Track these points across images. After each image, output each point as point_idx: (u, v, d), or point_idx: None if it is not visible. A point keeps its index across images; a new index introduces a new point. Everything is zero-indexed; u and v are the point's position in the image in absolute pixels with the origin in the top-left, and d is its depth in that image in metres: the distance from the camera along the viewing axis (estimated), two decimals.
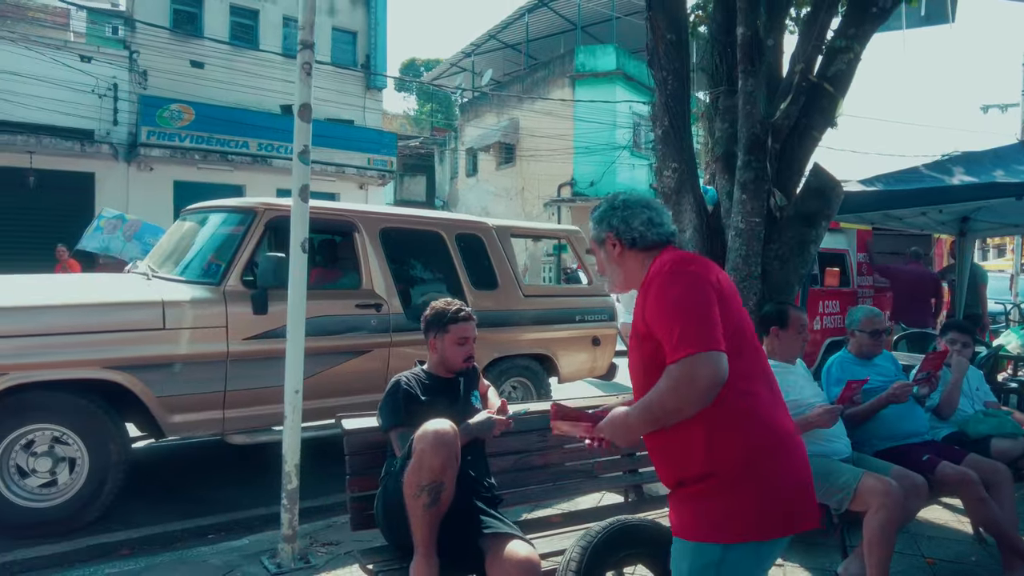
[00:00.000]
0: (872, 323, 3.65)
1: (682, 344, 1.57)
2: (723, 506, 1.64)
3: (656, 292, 1.69)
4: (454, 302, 2.72)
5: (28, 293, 3.86)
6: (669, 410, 1.61)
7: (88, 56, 12.72)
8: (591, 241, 1.96)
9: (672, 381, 1.58)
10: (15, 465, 3.62)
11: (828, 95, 4.73)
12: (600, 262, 1.93)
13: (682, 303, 1.64)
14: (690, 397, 1.57)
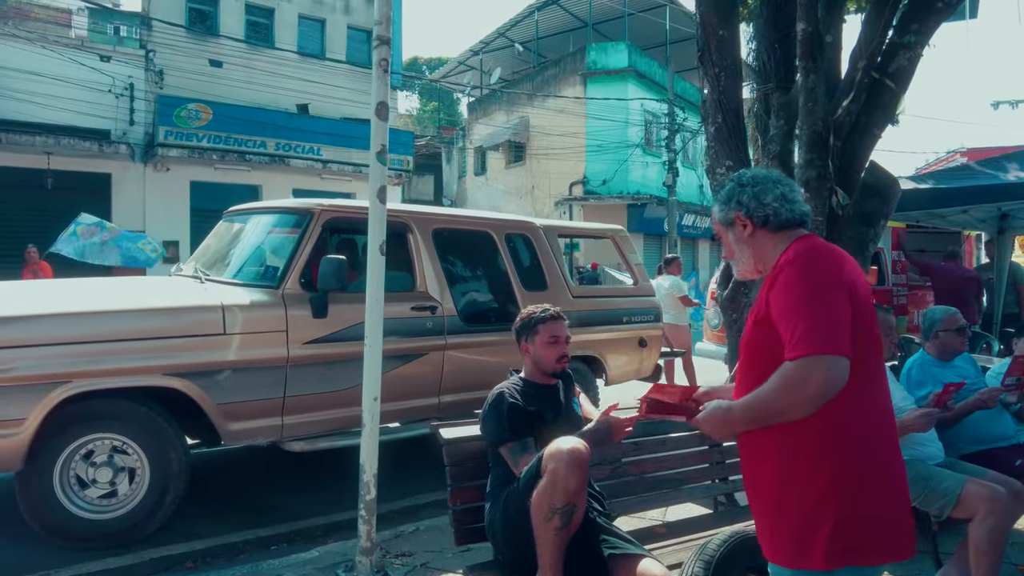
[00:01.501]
0: (955, 320, 3.56)
1: (803, 342, 1.48)
2: (824, 528, 1.52)
3: (785, 281, 1.58)
4: (541, 306, 2.63)
5: (85, 298, 3.78)
6: (774, 410, 1.53)
7: (107, 56, 12.62)
8: (716, 224, 1.83)
9: (783, 380, 1.50)
10: (75, 475, 3.52)
11: (889, 92, 4.64)
12: (728, 245, 1.80)
13: (811, 299, 1.54)
14: (799, 400, 1.49)
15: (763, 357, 1.60)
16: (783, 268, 1.62)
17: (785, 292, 1.58)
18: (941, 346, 3.59)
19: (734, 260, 1.81)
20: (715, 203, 1.86)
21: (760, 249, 1.74)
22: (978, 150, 37.25)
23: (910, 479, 2.97)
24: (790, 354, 1.49)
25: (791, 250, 1.65)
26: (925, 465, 3.07)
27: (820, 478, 1.54)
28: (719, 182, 5.06)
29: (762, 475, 1.65)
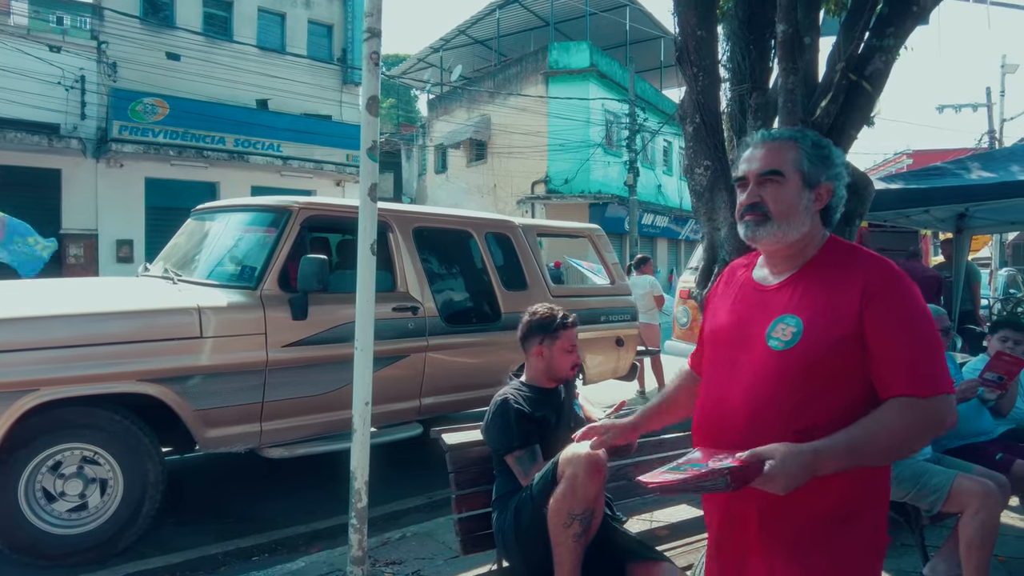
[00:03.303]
0: (943, 320, 3.63)
1: (940, 379, 1.35)
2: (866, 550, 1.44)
3: (903, 303, 1.39)
4: (556, 307, 2.57)
5: (53, 300, 3.59)
6: (896, 450, 1.39)
7: (56, 46, 12.12)
8: (790, 166, 1.49)
9: (916, 420, 1.34)
10: (41, 488, 3.34)
11: (866, 93, 4.71)
12: (781, 196, 1.49)
13: (934, 331, 1.41)
14: (926, 440, 1.42)
15: (847, 382, 1.40)
16: (892, 286, 1.41)
17: (907, 316, 1.39)
18: None
19: (780, 220, 1.48)
20: (802, 145, 1.52)
21: (812, 230, 1.51)
22: (924, 152, 38.58)
23: (903, 476, 3.03)
24: (924, 390, 1.34)
25: (884, 265, 1.45)
26: (916, 461, 3.10)
27: (882, 523, 1.46)
28: (697, 181, 5.08)
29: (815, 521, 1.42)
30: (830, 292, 1.44)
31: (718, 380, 1.55)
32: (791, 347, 1.42)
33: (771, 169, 1.50)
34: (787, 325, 1.44)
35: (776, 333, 1.45)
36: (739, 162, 1.58)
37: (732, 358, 1.52)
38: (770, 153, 1.52)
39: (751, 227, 1.52)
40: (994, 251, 16.45)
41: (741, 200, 1.55)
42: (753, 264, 1.65)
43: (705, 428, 1.56)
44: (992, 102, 20.06)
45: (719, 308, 1.65)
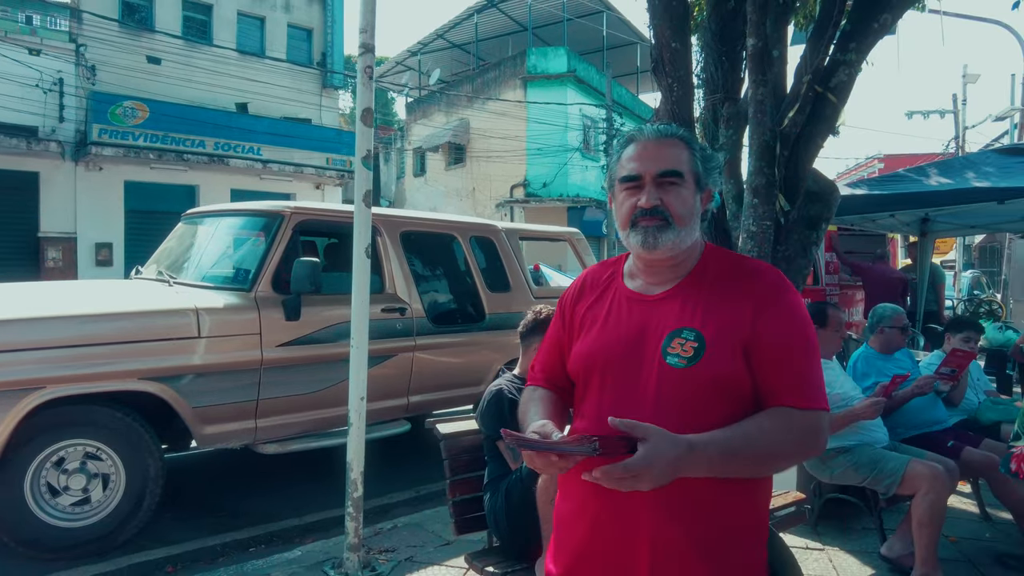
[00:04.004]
0: (901, 319, 3.89)
1: (820, 395, 1.33)
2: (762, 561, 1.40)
3: (795, 315, 1.36)
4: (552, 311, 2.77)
5: (57, 301, 3.71)
6: (771, 459, 1.31)
7: (36, 49, 12.09)
8: (687, 166, 1.40)
9: (796, 430, 1.29)
10: (46, 483, 3.47)
11: (831, 105, 4.96)
12: (682, 199, 1.39)
13: (817, 344, 1.39)
14: (805, 456, 1.39)
15: (749, 397, 1.33)
16: (783, 296, 1.37)
17: (797, 327, 1.35)
18: (885, 341, 3.90)
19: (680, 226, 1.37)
20: (692, 146, 1.45)
21: (697, 237, 1.44)
22: (894, 156, 39.45)
23: (861, 462, 3.27)
24: (807, 403, 1.31)
25: (774, 274, 1.41)
26: (873, 448, 3.35)
27: (764, 509, 1.42)
28: None
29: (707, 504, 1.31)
30: (724, 303, 1.36)
31: (608, 403, 1.35)
32: (695, 363, 1.31)
33: (671, 169, 1.39)
34: (686, 339, 1.33)
35: (674, 349, 1.33)
36: (622, 159, 1.44)
37: (622, 378, 1.37)
38: (667, 152, 1.40)
39: (652, 234, 1.37)
40: (958, 254, 16.98)
41: (640, 203, 1.38)
42: (619, 272, 1.52)
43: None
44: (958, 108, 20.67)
45: (590, 321, 1.49)
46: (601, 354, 1.42)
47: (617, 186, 1.44)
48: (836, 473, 3.40)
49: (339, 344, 4.21)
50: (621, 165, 1.44)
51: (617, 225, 1.45)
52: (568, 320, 1.55)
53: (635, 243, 1.40)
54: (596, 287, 1.54)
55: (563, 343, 1.55)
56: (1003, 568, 3.39)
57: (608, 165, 1.51)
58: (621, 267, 1.53)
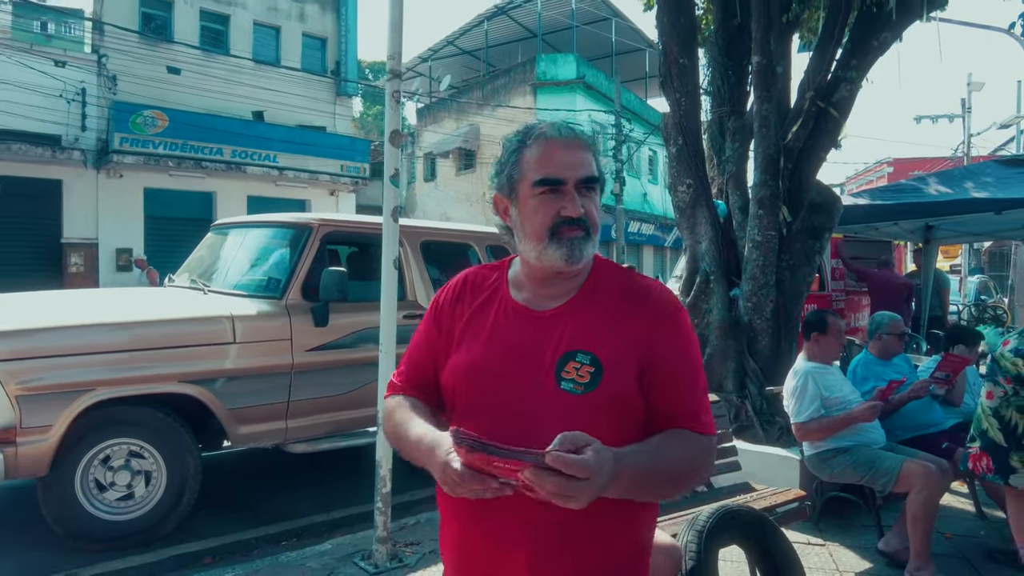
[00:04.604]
0: (898, 327, 4.09)
1: (711, 420, 1.30)
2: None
3: (686, 336, 1.32)
4: None
5: (104, 309, 3.97)
6: (682, 479, 1.26)
7: (62, 61, 12.43)
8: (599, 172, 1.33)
9: (701, 452, 1.27)
10: (94, 479, 3.72)
11: (833, 119, 5.19)
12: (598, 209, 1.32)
13: (702, 364, 1.36)
14: (704, 478, 1.39)
15: (628, 422, 1.26)
16: (676, 317, 1.31)
17: (692, 350, 1.32)
18: (883, 347, 4.10)
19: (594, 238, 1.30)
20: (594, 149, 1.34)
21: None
22: (903, 160, 39.50)
23: (859, 462, 3.47)
24: (703, 428, 1.27)
25: (666, 293, 1.35)
26: (871, 449, 3.55)
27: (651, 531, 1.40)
28: (680, 198, 5.54)
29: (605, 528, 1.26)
30: (617, 323, 1.28)
31: (491, 427, 1.17)
32: (592, 390, 1.21)
33: (593, 175, 1.29)
34: (581, 363, 1.23)
35: (569, 373, 1.22)
36: (534, 158, 1.29)
37: (508, 401, 1.25)
38: (582, 155, 1.30)
39: (578, 246, 1.26)
40: (964, 259, 17.10)
41: (566, 211, 1.25)
42: (504, 281, 1.39)
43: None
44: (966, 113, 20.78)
45: (473, 331, 1.35)
46: (485, 371, 1.28)
47: (528, 189, 1.28)
48: (835, 472, 3.60)
49: (364, 348, 4.45)
50: (533, 165, 1.28)
51: (524, 234, 1.30)
52: (446, 324, 1.39)
53: (556, 256, 1.25)
54: (479, 292, 1.39)
55: (438, 350, 1.38)
56: (994, 563, 3.57)
57: (503, 161, 1.33)
58: (505, 274, 1.40)
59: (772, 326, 5.08)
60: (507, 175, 1.32)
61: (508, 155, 1.33)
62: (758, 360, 5.07)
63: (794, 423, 3.63)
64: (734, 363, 5.14)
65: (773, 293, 5.07)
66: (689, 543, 2.57)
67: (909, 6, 4.80)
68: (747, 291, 5.13)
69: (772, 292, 5.07)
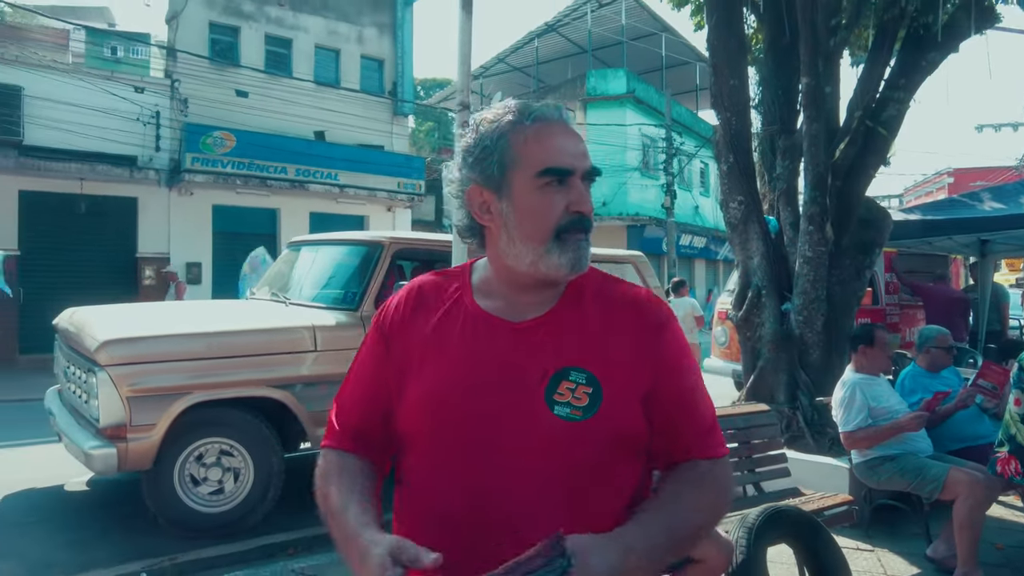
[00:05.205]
0: (945, 340, 4.20)
1: (722, 436, 1.16)
2: None
3: (685, 348, 1.16)
4: None
5: (199, 320, 4.37)
6: (705, 530, 1.08)
7: (140, 87, 13.24)
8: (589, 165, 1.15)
9: (723, 486, 1.12)
10: (189, 475, 4.10)
11: (882, 138, 5.34)
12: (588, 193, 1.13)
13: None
14: (725, 511, 1.15)
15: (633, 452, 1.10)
16: (673, 327, 1.15)
17: (694, 365, 1.17)
18: (931, 360, 4.22)
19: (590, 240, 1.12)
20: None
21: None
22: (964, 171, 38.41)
23: (906, 469, 3.61)
24: (714, 451, 1.12)
25: (657, 301, 1.18)
26: (917, 457, 3.68)
27: None
28: (732, 214, 5.72)
29: None
30: (611, 335, 1.11)
31: (468, 470, 1.04)
32: (593, 415, 1.03)
33: (596, 168, 1.12)
34: (576, 383, 1.05)
35: (563, 395, 1.04)
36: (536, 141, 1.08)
37: (488, 436, 1.04)
38: (584, 145, 1.13)
39: (585, 251, 1.09)
40: None
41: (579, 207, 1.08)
42: (467, 288, 1.17)
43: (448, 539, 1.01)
44: None
45: (433, 353, 1.11)
46: (456, 398, 1.06)
47: (529, 180, 1.07)
48: (883, 479, 3.74)
49: None
50: (535, 150, 1.07)
51: (519, 234, 1.08)
52: (399, 346, 1.14)
53: (561, 263, 1.07)
54: (438, 304, 1.16)
55: (388, 378, 1.14)
56: None
57: (486, 145, 1.09)
58: (467, 280, 1.18)
59: (823, 339, 5.21)
60: (495, 162, 1.07)
61: (494, 138, 1.08)
62: (809, 372, 5.21)
63: (842, 432, 3.79)
64: (786, 375, 5.29)
65: (824, 307, 5.22)
66: (739, 539, 2.77)
67: (956, 29, 4.92)
68: (798, 305, 5.28)
69: (823, 306, 5.21)
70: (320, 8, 16.33)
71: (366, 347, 1.23)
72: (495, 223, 1.11)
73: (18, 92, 12.13)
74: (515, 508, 1.01)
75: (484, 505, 1.02)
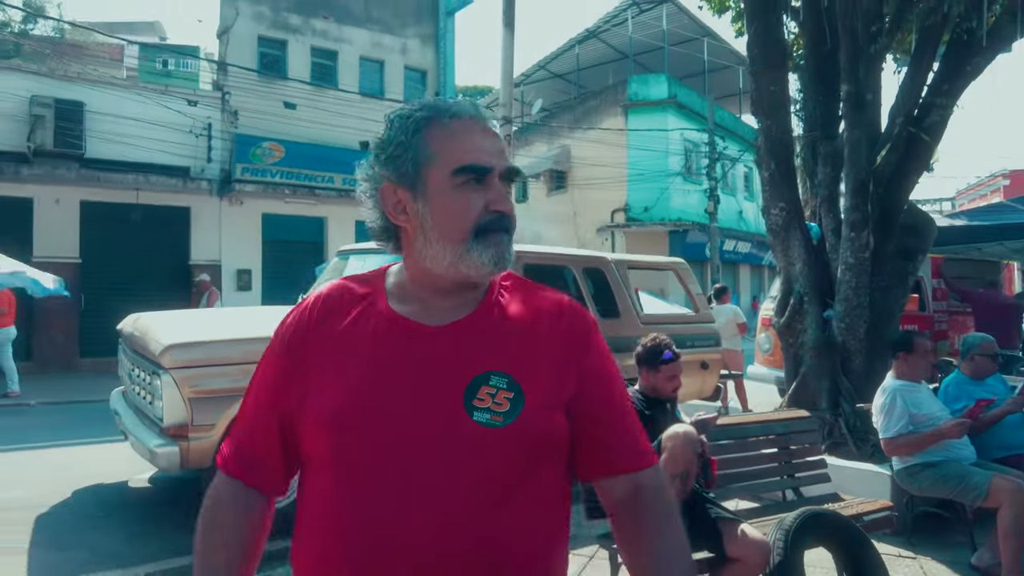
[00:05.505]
0: (991, 347, 4.18)
1: (648, 444, 1.14)
2: None
3: (610, 356, 1.14)
4: (663, 340, 3.31)
5: (251, 324, 4.58)
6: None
7: (193, 100, 13.75)
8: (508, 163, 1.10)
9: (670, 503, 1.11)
10: None
11: (925, 144, 5.31)
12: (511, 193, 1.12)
13: None
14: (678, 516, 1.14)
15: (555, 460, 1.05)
16: (597, 334, 1.13)
17: (618, 373, 1.14)
18: (975, 368, 4.20)
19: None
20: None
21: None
22: (1021, 173, 37.19)
23: (948, 476, 3.61)
24: (647, 459, 1.10)
25: (578, 306, 1.16)
26: (960, 464, 3.68)
27: None
28: (773, 221, 5.74)
29: None
30: (534, 340, 1.07)
31: (382, 487, 0.97)
32: (513, 420, 0.98)
33: (516, 167, 1.10)
34: (497, 387, 1.00)
35: (483, 401, 0.99)
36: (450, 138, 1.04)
37: (404, 447, 0.97)
38: (503, 144, 1.11)
39: (508, 249, 1.05)
40: None
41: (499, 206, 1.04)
42: (380, 293, 1.11)
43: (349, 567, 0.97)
44: None
45: (339, 361, 1.04)
46: (367, 407, 0.99)
47: (445, 178, 1.03)
48: (924, 486, 3.74)
49: None
50: (452, 148, 1.03)
51: (436, 234, 1.03)
52: (303, 355, 1.07)
53: (482, 261, 1.02)
54: (348, 309, 1.09)
55: (290, 391, 1.06)
56: None
57: (400, 141, 1.05)
58: (381, 284, 1.13)
59: (865, 346, 5.20)
60: (410, 159, 1.04)
61: (408, 134, 1.04)
62: (852, 379, 5.20)
63: (882, 438, 3.81)
64: (828, 382, 5.29)
65: (866, 314, 5.20)
66: (776, 540, 2.84)
67: (1001, 33, 4.88)
68: (840, 312, 5.28)
69: (865, 313, 5.20)
70: (364, 21, 16.71)
71: (264, 363, 1.13)
72: (411, 223, 1.07)
73: (80, 108, 12.70)
74: (427, 520, 0.94)
75: (401, 530, 0.95)
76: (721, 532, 2.77)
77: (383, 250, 1.15)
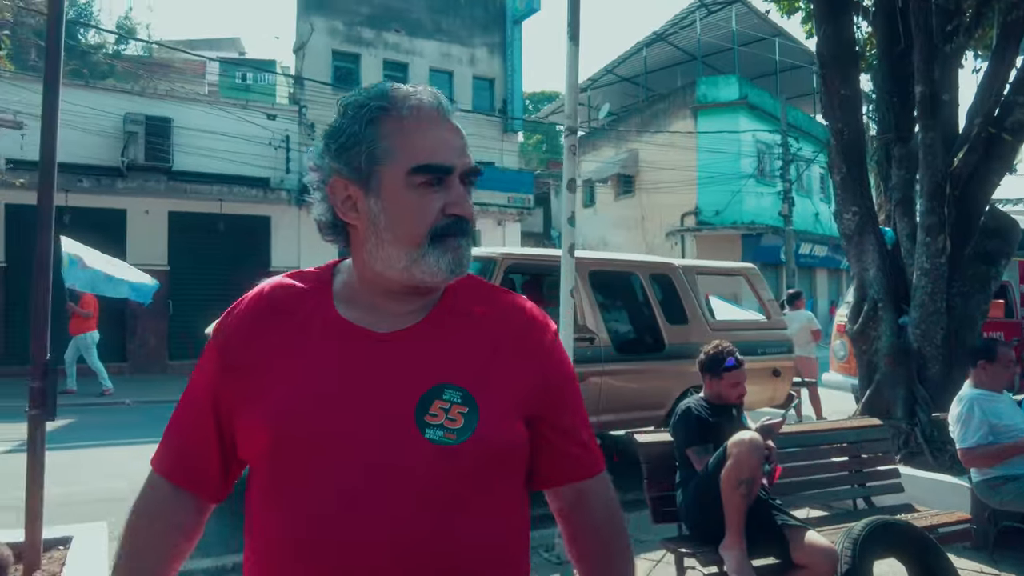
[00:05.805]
0: None
1: (597, 448, 1.11)
2: None
3: (569, 363, 1.11)
4: (726, 347, 3.34)
5: None
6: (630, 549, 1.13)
7: (272, 115, 14.38)
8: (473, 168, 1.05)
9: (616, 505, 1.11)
10: None
11: (1007, 144, 5.12)
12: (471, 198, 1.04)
13: None
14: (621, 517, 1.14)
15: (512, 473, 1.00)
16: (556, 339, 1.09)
17: (576, 380, 1.11)
18: None
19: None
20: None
21: None
22: None
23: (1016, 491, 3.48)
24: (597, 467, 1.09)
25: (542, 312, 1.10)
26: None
27: None
28: (846, 225, 5.63)
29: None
30: (491, 350, 1.01)
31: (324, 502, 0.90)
32: (468, 438, 0.92)
33: (478, 167, 1.04)
34: (451, 402, 0.93)
35: (436, 417, 0.92)
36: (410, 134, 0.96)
37: (349, 462, 0.91)
38: (464, 140, 1.03)
39: (466, 254, 1.00)
40: None
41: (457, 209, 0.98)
42: (326, 294, 1.03)
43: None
44: None
45: (280, 366, 0.97)
46: (310, 418, 0.92)
47: (401, 177, 0.95)
48: (1005, 500, 3.63)
49: None
50: (409, 144, 0.95)
51: (390, 236, 0.96)
52: (241, 360, 1.00)
53: (438, 267, 0.96)
54: (289, 313, 1.01)
55: (228, 398, 1.00)
56: None
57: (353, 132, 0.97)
58: (328, 284, 1.05)
59: (943, 353, 5.05)
60: (364, 153, 0.95)
61: (361, 125, 0.96)
62: (928, 387, 5.05)
63: (959, 449, 3.71)
64: (903, 390, 5.16)
65: (943, 320, 5.05)
66: (844, 549, 2.83)
67: None
68: (916, 318, 5.14)
69: (942, 319, 5.05)
70: (434, 32, 17.11)
71: (202, 365, 1.06)
72: (361, 222, 0.98)
73: (168, 123, 13.47)
74: (372, 540, 0.88)
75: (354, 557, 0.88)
76: (787, 539, 2.79)
77: None
